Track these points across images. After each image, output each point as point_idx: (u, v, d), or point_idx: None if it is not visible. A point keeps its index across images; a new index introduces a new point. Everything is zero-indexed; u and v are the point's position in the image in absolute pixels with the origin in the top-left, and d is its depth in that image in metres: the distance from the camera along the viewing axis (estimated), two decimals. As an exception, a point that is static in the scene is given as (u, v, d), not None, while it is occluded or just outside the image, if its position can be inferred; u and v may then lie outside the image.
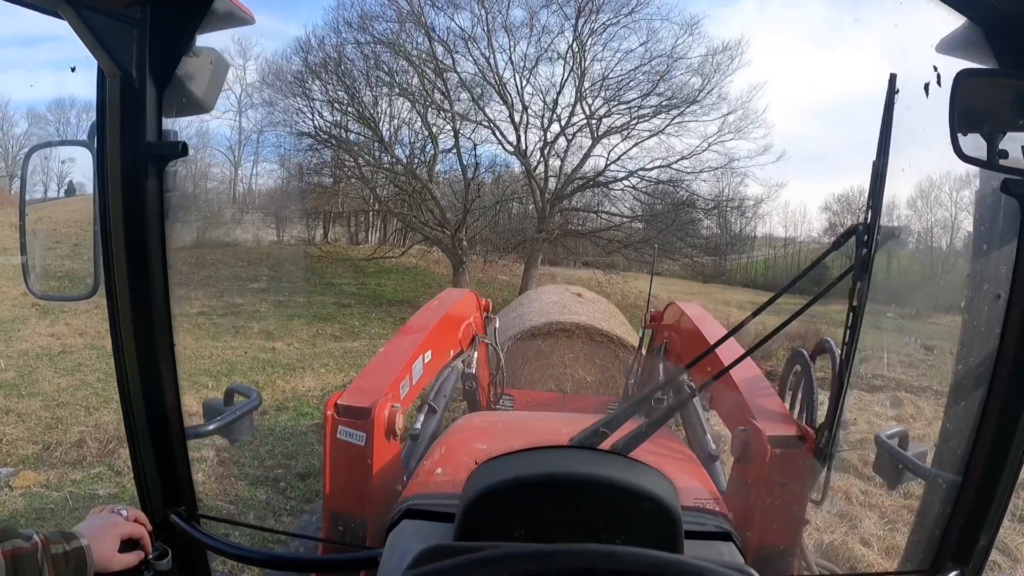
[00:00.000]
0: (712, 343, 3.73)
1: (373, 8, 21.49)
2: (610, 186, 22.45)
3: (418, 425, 3.63)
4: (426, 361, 3.87)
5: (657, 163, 21.88)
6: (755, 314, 2.16)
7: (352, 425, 2.95)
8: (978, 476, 1.83)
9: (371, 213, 25.64)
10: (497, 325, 5.73)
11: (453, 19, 21.26)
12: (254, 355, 13.01)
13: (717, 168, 21.77)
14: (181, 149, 1.79)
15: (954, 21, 1.58)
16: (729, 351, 3.62)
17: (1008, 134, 1.56)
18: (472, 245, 21.74)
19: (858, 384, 13.05)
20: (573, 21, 21.06)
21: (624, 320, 10.10)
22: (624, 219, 22.91)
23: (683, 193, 22.38)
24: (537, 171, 21.77)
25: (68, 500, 6.52)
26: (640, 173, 22.03)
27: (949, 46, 1.62)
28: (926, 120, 1.61)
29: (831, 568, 3.97)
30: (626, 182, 22.22)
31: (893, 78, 1.70)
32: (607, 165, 22.02)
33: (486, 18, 21.07)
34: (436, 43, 21.36)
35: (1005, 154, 1.54)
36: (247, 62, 23.87)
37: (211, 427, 2.44)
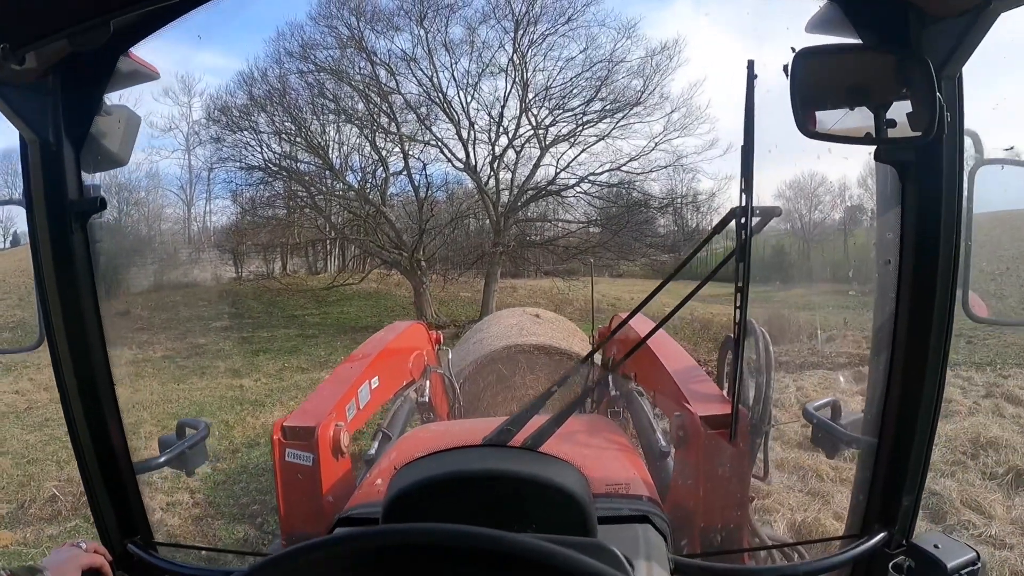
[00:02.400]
0: (651, 345, 3.88)
1: (313, 36, 21.49)
2: (562, 194, 22.66)
3: (372, 451, 3.69)
4: (373, 387, 3.91)
5: (606, 167, 22.09)
6: (648, 299, 2.28)
7: (299, 446, 3.04)
8: (891, 440, 1.92)
9: (328, 241, 25.54)
10: (451, 356, 5.74)
11: (393, 41, 21.34)
12: (222, 394, 12.95)
13: (666, 167, 21.91)
14: (100, 204, 1.89)
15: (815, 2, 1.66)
16: (658, 343, 3.78)
17: (853, 107, 1.63)
18: (431, 265, 21.70)
19: (823, 364, 13.36)
20: (512, 34, 21.18)
21: (583, 336, 10.22)
22: (579, 225, 23.15)
23: (635, 194, 22.58)
24: (488, 185, 21.88)
25: (47, 556, 6.49)
26: (590, 178, 22.20)
27: (817, 25, 1.69)
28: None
29: (781, 539, 4.08)
30: (577, 188, 22.39)
31: (751, 64, 1.75)
32: (557, 173, 22.19)
33: (426, 38, 21.15)
34: (379, 67, 21.42)
35: (893, 123, 1.60)
36: (192, 99, 23.67)
37: (161, 459, 2.52)
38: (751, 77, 1.75)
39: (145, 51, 1.83)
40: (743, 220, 1.86)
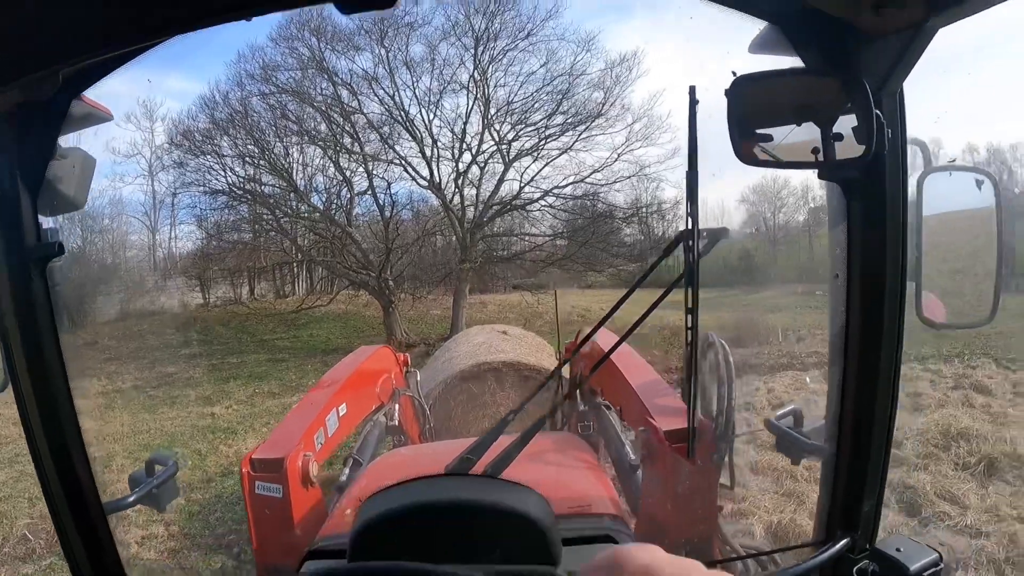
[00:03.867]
0: (615, 360, 3.96)
1: (274, 58, 21.55)
2: (527, 208, 22.77)
3: (343, 478, 3.70)
4: (341, 414, 3.95)
5: (570, 179, 22.26)
6: (601, 324, 2.35)
7: (268, 479, 3.07)
8: (849, 448, 1.93)
9: (295, 264, 25.50)
10: (419, 378, 5.74)
11: (354, 61, 21.46)
12: (193, 423, 12.89)
13: (629, 177, 22.12)
14: (57, 249, 1.87)
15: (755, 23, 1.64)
16: (623, 358, 3.88)
17: (791, 129, 1.62)
18: (399, 284, 21.77)
19: (793, 364, 13.56)
20: (472, 51, 21.37)
21: (551, 350, 10.36)
22: (545, 238, 23.30)
23: (600, 205, 22.76)
24: (454, 202, 21.97)
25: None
26: (555, 191, 22.35)
27: (760, 46, 1.68)
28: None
29: (753, 547, 4.12)
30: (542, 202, 22.52)
31: (692, 90, 1.75)
32: (521, 188, 22.31)
33: (387, 57, 21.26)
34: (340, 87, 21.55)
35: (840, 136, 1.60)
36: (154, 124, 23.53)
37: (131, 498, 2.52)
38: (693, 103, 1.76)
39: (105, 82, 1.79)
40: (690, 243, 1.87)
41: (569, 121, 21.80)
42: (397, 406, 4.95)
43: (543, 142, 21.96)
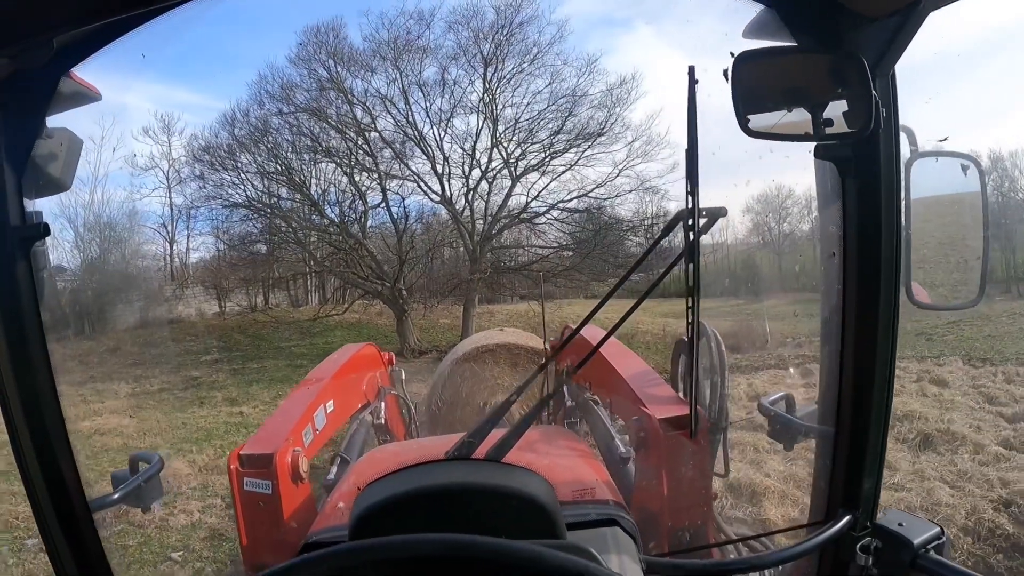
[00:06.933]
0: (605, 355, 4.02)
1: (293, 78, 22.39)
2: (534, 221, 23.65)
3: (331, 476, 3.57)
4: (329, 411, 3.94)
5: (574, 194, 23.08)
6: (596, 309, 2.34)
7: (257, 475, 3.02)
8: (848, 427, 1.93)
9: (310, 274, 26.21)
10: (403, 376, 5.68)
11: (369, 82, 22.30)
12: (224, 420, 13.62)
13: (630, 191, 22.90)
14: (43, 230, 1.81)
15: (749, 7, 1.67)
16: (612, 352, 3.99)
17: (792, 107, 1.66)
18: (411, 293, 22.48)
19: (782, 364, 14.27)
20: (482, 72, 22.26)
21: (539, 340, 11.51)
22: (551, 250, 24.09)
23: (604, 218, 23.50)
24: (464, 216, 22.77)
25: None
26: (560, 205, 23.22)
27: (754, 30, 1.70)
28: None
29: (744, 533, 4.19)
30: (548, 215, 23.40)
31: (692, 70, 1.74)
32: (528, 202, 23.19)
33: (400, 78, 22.13)
34: (356, 106, 22.38)
35: (830, 122, 1.63)
36: (171, 137, 24.11)
37: (116, 496, 2.50)
38: (692, 82, 1.75)
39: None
40: (691, 222, 1.88)
41: (573, 139, 22.65)
42: (383, 404, 4.89)
43: (549, 158, 22.81)
